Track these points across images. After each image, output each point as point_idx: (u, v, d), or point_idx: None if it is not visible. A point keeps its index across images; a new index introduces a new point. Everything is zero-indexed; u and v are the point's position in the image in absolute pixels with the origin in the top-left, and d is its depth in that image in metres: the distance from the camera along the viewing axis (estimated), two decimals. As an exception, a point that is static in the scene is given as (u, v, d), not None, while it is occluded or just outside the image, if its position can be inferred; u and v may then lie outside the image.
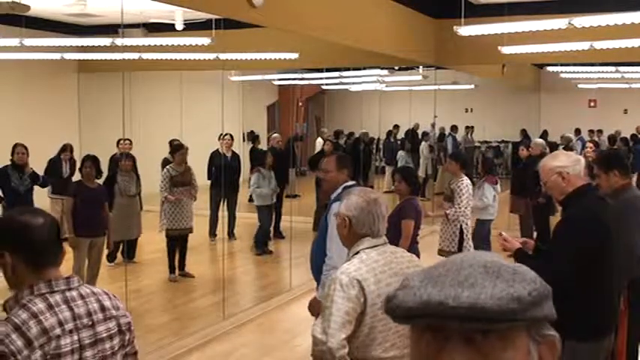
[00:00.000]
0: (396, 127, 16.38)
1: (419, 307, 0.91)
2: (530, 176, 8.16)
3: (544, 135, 14.67)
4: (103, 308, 2.11)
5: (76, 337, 2.00)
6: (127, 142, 9.03)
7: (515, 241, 3.66)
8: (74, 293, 2.06)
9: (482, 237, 8.47)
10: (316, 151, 13.41)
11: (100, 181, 7.38)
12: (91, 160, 6.96)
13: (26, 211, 2.16)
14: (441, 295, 0.90)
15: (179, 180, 8.09)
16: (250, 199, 10.46)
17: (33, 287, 2.00)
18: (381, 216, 2.80)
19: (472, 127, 17.91)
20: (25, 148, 7.79)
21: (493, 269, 0.93)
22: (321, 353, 2.59)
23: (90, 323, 2.05)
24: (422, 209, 6.09)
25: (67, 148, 9.35)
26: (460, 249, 7.00)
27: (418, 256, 4.01)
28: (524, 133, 15.85)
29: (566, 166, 3.46)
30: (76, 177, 7.77)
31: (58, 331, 1.96)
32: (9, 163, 7.76)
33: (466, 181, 7.02)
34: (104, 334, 2.10)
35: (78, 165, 7.56)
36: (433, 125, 15.14)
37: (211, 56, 9.31)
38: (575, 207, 3.46)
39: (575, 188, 3.44)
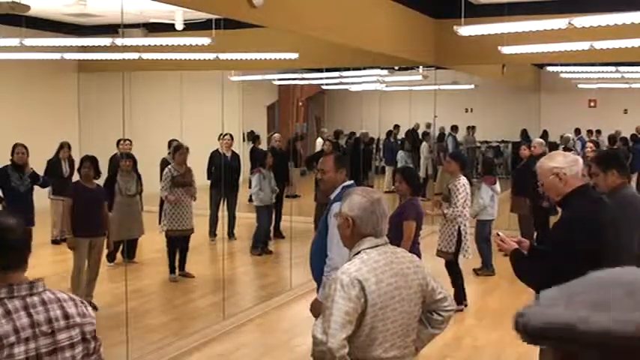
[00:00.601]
0: (396, 127, 16.36)
1: (545, 328, 0.84)
2: (531, 176, 8.15)
3: (544, 135, 14.64)
4: (66, 315, 2.04)
5: (32, 346, 1.94)
6: (127, 142, 9.02)
7: (511, 241, 3.64)
8: (36, 299, 1.99)
9: (483, 237, 8.49)
10: (316, 151, 13.41)
11: (100, 182, 7.37)
12: (90, 161, 6.93)
13: None
14: (568, 317, 0.82)
15: (180, 180, 8.08)
16: (250, 199, 10.46)
17: None
18: (384, 215, 2.79)
19: (474, 127, 17.88)
20: (25, 148, 7.80)
21: (634, 290, 0.83)
22: (322, 353, 2.58)
23: (49, 331, 1.98)
24: (423, 210, 6.09)
25: (64, 146, 9.36)
26: (458, 249, 7.00)
27: (419, 256, 4.01)
28: (524, 133, 15.83)
29: (563, 167, 3.44)
30: (76, 177, 7.77)
31: (12, 338, 1.89)
32: (9, 163, 7.77)
33: (463, 180, 7.02)
34: (65, 343, 2.02)
35: (77, 165, 7.55)
36: (429, 125, 15.10)
37: (211, 56, 9.32)
38: (572, 207, 3.45)
39: (572, 189, 3.43)
